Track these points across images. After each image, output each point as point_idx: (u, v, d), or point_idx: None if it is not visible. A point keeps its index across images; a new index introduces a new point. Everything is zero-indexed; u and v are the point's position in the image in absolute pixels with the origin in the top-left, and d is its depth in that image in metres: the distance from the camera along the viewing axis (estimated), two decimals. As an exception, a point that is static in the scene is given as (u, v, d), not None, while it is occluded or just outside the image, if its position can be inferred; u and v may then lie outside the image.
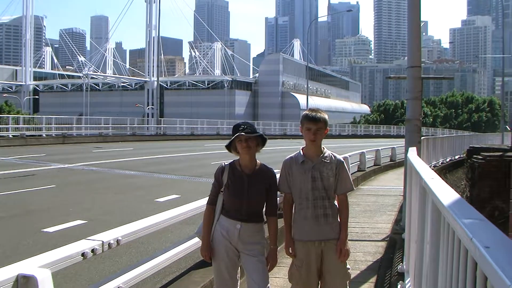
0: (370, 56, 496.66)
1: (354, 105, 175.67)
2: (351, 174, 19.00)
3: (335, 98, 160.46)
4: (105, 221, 12.23)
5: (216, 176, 5.19)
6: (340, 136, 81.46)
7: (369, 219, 13.07)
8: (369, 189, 19.28)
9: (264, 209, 5.14)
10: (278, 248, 5.38)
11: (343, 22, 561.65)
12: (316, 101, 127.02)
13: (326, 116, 5.09)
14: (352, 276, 8.00)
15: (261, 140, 5.09)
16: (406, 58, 12.23)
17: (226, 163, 5.19)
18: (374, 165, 24.82)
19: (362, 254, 9.33)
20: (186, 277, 6.61)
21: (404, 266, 6.96)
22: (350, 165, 18.83)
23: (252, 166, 5.09)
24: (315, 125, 4.96)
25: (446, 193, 3.04)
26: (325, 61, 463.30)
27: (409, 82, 11.11)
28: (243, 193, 5.01)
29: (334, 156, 5.11)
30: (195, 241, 6.69)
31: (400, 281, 6.66)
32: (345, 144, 49.59)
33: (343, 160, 5.15)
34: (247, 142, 4.95)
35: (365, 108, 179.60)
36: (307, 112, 5.10)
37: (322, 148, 5.09)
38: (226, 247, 5.06)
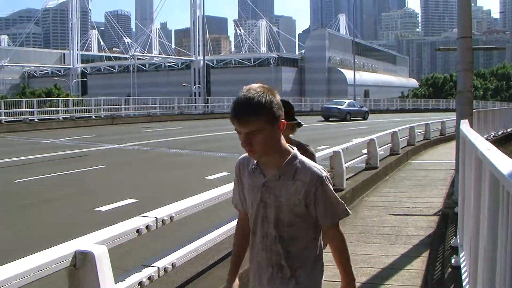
0: (417, 29, 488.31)
1: (401, 79, 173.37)
2: (401, 148, 18.82)
3: (383, 73, 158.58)
4: (155, 199, 12.36)
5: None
6: (388, 111, 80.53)
7: (420, 193, 12.91)
8: (419, 163, 19.04)
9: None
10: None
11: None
12: (363, 76, 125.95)
13: (269, 104, 2.64)
14: (405, 250, 7.99)
15: (297, 124, 3.89)
16: (454, 30, 12.09)
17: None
18: (424, 139, 24.46)
19: (414, 229, 9.23)
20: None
21: (458, 240, 6.86)
22: (400, 140, 18.61)
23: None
24: (243, 128, 2.66)
25: (505, 163, 2.96)
26: (371, 36, 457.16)
27: (460, 53, 10.87)
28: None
29: (309, 169, 2.78)
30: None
31: (454, 256, 6.56)
32: (393, 119, 49.12)
33: (323, 175, 2.78)
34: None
35: (413, 82, 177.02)
36: (233, 101, 2.77)
37: (288, 150, 2.82)
38: None
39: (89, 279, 3.50)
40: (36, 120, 40.96)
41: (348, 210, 2.98)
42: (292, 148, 2.87)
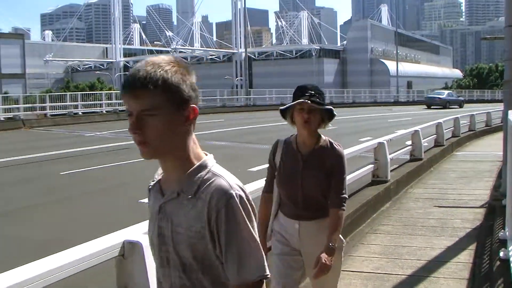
0: (461, 19, 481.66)
1: (445, 70, 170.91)
2: (446, 140, 18.59)
3: (425, 64, 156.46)
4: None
5: (269, 156, 4.09)
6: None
7: (465, 185, 12.76)
8: (464, 155, 18.80)
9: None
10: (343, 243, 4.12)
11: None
12: (406, 67, 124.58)
13: (171, 77, 1.95)
14: (451, 243, 7.90)
15: (328, 116, 3.90)
16: (500, 19, 11.85)
17: (280, 139, 4.08)
18: (469, 131, 24.13)
19: (460, 221, 9.13)
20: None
21: (507, 233, 6.75)
22: (444, 131, 18.39)
23: (311, 144, 3.92)
24: (132, 103, 1.97)
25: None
26: (413, 26, 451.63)
27: (508, 42, 10.66)
28: (296, 180, 3.88)
29: (215, 182, 1.96)
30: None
31: (503, 249, 6.46)
32: (437, 110, 48.51)
33: (233, 193, 1.92)
34: (310, 114, 3.77)
35: (457, 73, 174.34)
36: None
37: (198, 156, 2.07)
38: (285, 250, 4.03)
39: (137, 269, 3.54)
40: (80, 113, 41.57)
41: (266, 269, 1.94)
42: (206, 154, 2.09)
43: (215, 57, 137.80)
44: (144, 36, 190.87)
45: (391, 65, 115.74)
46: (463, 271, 6.62)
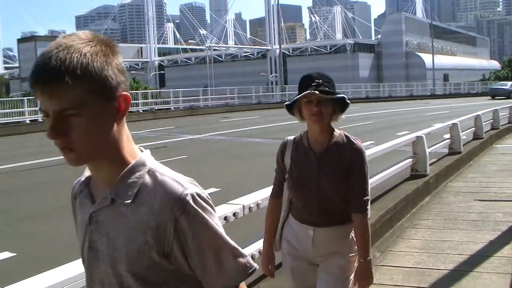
0: (498, 9, 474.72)
1: (482, 62, 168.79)
2: (485, 132, 18.32)
3: (462, 56, 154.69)
4: (237, 188, 12.45)
5: (277, 157, 3.65)
6: (469, 95, 78.54)
7: (506, 178, 12.54)
8: (504, 147, 18.49)
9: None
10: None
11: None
12: (442, 60, 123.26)
13: (92, 61, 1.51)
14: (493, 237, 7.79)
15: (341, 106, 3.41)
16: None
17: (289, 138, 3.61)
18: (508, 123, 23.72)
19: (502, 215, 8.99)
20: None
21: (551, 226, 6.64)
22: (483, 123, 18.14)
23: (325, 140, 3.44)
24: (47, 103, 1.53)
25: None
26: (449, 18, 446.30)
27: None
28: (311, 182, 3.41)
29: (162, 185, 1.64)
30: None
31: (547, 242, 6.36)
32: (475, 103, 47.88)
33: (188, 193, 1.61)
34: (320, 106, 3.29)
35: (495, 64, 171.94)
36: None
37: (132, 154, 1.71)
38: (296, 265, 3.64)
39: None
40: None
41: (250, 264, 1.72)
42: (141, 149, 1.77)
43: (250, 54, 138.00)
44: (178, 35, 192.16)
45: (427, 58, 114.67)
46: (507, 266, 6.52)
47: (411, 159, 10.87)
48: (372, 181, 8.14)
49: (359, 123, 30.37)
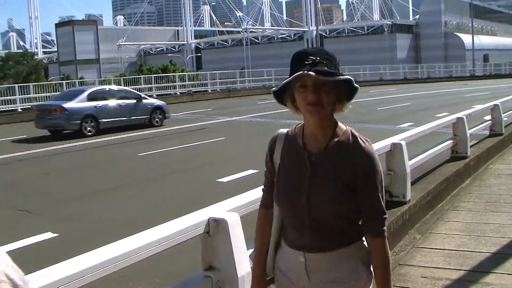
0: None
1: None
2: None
3: (503, 36, 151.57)
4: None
5: (266, 157, 2.78)
6: (510, 76, 77.11)
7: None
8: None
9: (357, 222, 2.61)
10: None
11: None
12: (482, 40, 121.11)
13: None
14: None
15: (347, 92, 2.51)
16: None
17: (280, 132, 2.78)
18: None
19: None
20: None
21: None
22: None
23: (324, 138, 2.57)
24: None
25: None
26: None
27: None
28: (301, 194, 2.55)
29: None
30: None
31: None
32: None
33: None
34: (318, 92, 2.43)
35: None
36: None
37: None
38: None
39: (223, 246, 3.58)
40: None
41: None
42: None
43: (286, 36, 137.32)
44: (214, 17, 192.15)
45: (466, 38, 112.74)
46: (551, 248, 6.42)
47: (451, 141, 10.73)
48: (412, 163, 8.08)
49: (397, 105, 30.11)
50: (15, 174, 14.63)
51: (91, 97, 23.41)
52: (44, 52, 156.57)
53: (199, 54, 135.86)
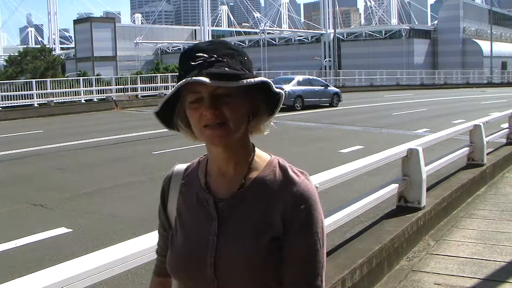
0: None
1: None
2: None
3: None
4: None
5: (159, 206, 1.96)
6: (528, 84, 76.78)
7: None
8: None
9: None
10: None
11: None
12: (501, 47, 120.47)
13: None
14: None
15: (266, 102, 1.72)
16: None
17: (177, 168, 1.93)
18: None
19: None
20: (378, 226, 6.55)
21: None
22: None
23: (237, 176, 1.74)
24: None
25: None
26: (509, 3, 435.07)
27: None
28: (203, 258, 1.69)
29: None
30: (387, 190, 6.66)
31: None
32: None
33: None
34: (217, 105, 1.61)
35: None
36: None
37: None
38: None
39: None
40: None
41: None
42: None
43: (303, 38, 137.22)
44: (232, 18, 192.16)
45: (484, 45, 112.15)
46: None
47: (467, 148, 10.68)
48: (428, 169, 8.03)
49: (413, 110, 30.00)
50: (30, 168, 14.70)
51: (299, 83, 33.55)
52: (62, 48, 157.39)
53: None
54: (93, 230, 8.59)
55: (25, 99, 34.46)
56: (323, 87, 35.41)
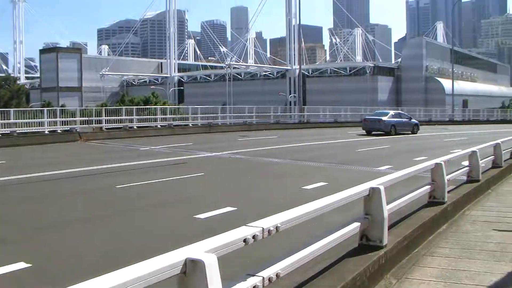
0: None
1: (503, 89, 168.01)
2: (504, 161, 18.13)
3: (482, 82, 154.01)
4: (254, 208, 12.45)
5: None
6: (488, 122, 78.19)
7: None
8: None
9: None
10: None
11: (489, 1, 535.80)
12: (462, 85, 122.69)
13: None
14: None
15: None
16: None
17: None
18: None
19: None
20: (341, 265, 6.57)
21: None
22: (503, 152, 17.97)
23: None
24: None
25: None
26: (470, 44, 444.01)
27: None
28: None
29: None
30: (349, 229, 6.69)
31: None
32: (494, 130, 47.59)
33: None
34: None
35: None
36: None
37: None
38: None
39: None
40: (135, 127, 42.10)
41: None
42: None
43: (269, 73, 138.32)
44: (198, 52, 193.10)
45: (446, 83, 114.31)
46: (525, 298, 6.44)
47: (429, 186, 10.78)
48: (390, 207, 8.09)
49: (376, 147, 30.28)
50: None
51: (392, 116, 46.22)
52: (27, 78, 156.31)
53: (182, 88, 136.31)
54: (53, 265, 8.45)
55: (-14, 129, 33.97)
56: (408, 119, 47.53)
